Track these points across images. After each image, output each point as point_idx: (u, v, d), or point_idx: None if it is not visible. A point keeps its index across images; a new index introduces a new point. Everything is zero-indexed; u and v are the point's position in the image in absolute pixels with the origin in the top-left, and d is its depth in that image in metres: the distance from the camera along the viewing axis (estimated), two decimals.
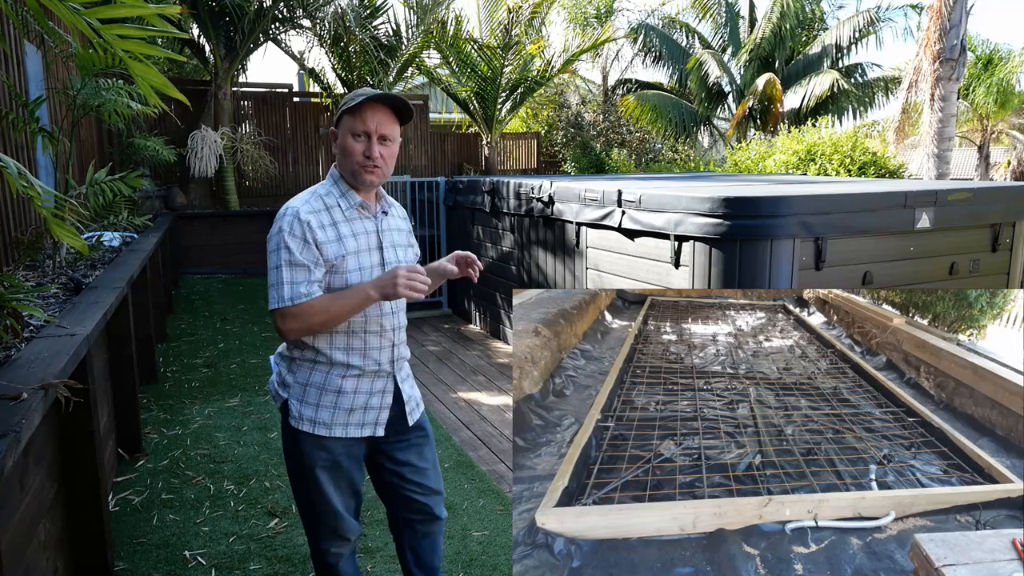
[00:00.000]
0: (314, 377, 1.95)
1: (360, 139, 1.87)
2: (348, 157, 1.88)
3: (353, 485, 2.05)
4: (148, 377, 4.83)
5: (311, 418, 1.94)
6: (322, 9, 9.88)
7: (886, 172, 8.92)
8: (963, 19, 9.33)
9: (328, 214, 1.89)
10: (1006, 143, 21.94)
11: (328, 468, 1.98)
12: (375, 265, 1.94)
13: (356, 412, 1.96)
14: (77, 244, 2.14)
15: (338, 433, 1.95)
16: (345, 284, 1.88)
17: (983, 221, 4.20)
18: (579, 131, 14.29)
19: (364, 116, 1.85)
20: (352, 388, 1.95)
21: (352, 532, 2.09)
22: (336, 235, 1.88)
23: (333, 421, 1.94)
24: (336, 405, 1.94)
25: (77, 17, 1.70)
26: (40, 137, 4.25)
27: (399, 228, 2.06)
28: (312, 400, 1.94)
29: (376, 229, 1.96)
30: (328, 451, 1.96)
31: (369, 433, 1.99)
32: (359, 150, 1.87)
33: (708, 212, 3.57)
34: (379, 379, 1.98)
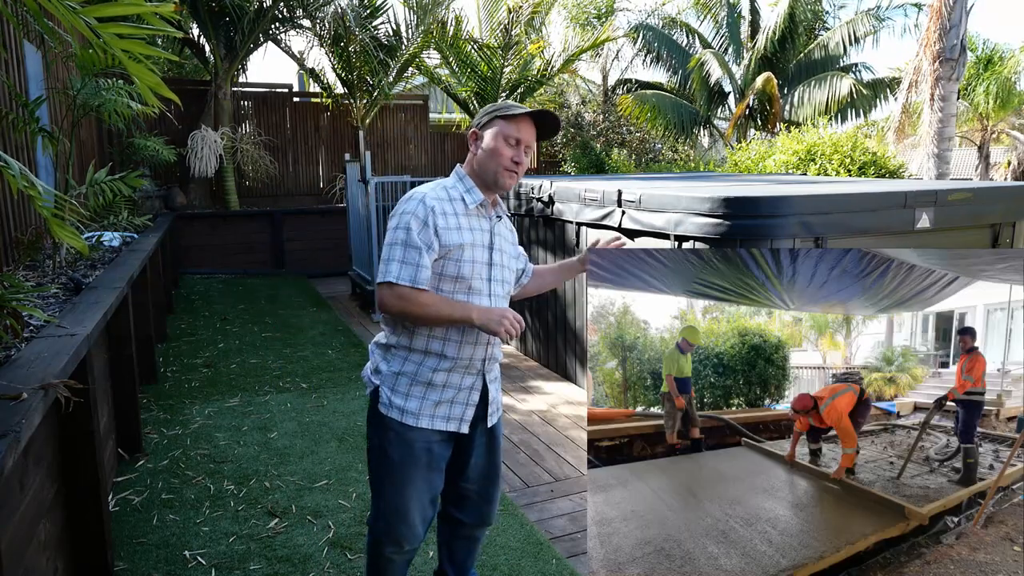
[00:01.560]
0: (407, 367, 2.01)
1: (512, 145, 1.99)
2: (496, 158, 1.99)
3: (431, 490, 2.07)
4: (148, 377, 4.83)
5: (400, 406, 2.00)
6: (322, 9, 9.89)
7: (886, 172, 8.92)
8: (963, 19, 9.33)
9: (451, 205, 1.99)
10: (1006, 143, 21.95)
11: (407, 463, 2.01)
12: (484, 262, 2.03)
13: (443, 405, 2.01)
14: (78, 244, 2.14)
15: (424, 424, 1.99)
16: (457, 271, 1.96)
17: (983, 221, 4.20)
18: (579, 131, 14.28)
19: (521, 126, 1.99)
20: (442, 382, 2.00)
21: (413, 541, 2.08)
22: (456, 224, 1.97)
23: (420, 411, 1.99)
24: (424, 396, 2.00)
25: (75, 17, 1.70)
26: (40, 137, 4.25)
27: (506, 237, 2.16)
28: (403, 389, 2.00)
29: (490, 229, 2.06)
30: (411, 442, 2.00)
31: (454, 428, 2.03)
32: (509, 155, 1.99)
33: (708, 212, 3.57)
34: (469, 375, 2.03)
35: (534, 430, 4.18)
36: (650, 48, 15.54)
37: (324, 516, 3.10)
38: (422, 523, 2.08)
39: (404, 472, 2.01)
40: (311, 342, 6.06)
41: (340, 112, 11.16)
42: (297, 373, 5.18)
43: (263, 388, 4.85)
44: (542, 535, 2.97)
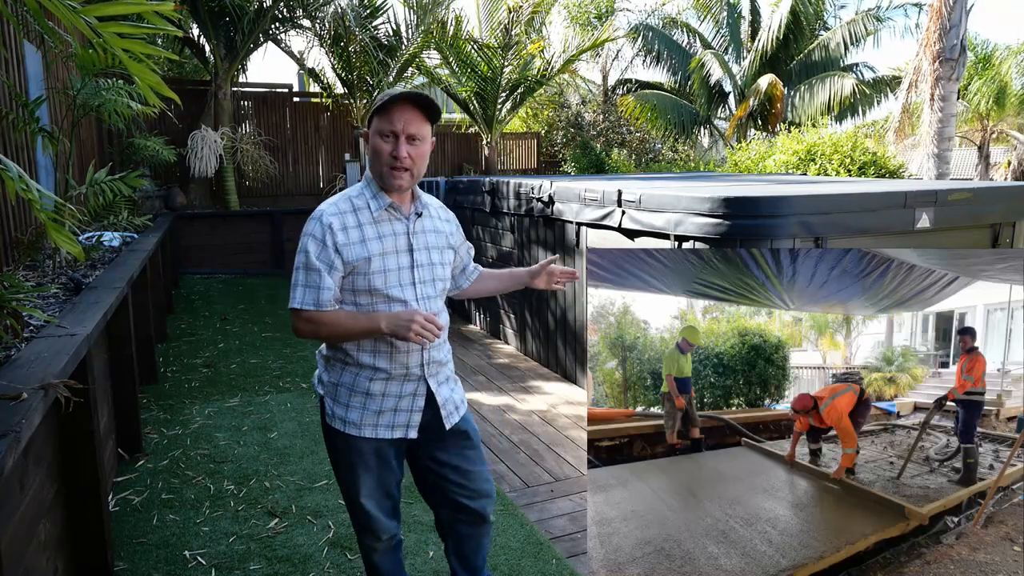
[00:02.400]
0: (344, 377, 1.97)
1: (388, 139, 1.84)
2: (377, 158, 1.87)
3: (384, 487, 2.05)
4: (148, 377, 4.83)
5: (342, 417, 1.97)
6: (322, 9, 9.89)
7: (886, 172, 8.92)
8: (963, 19, 9.33)
9: (355, 216, 1.89)
10: (1006, 143, 21.94)
11: (357, 466, 2.00)
12: (404, 267, 1.93)
13: (385, 414, 1.96)
14: (74, 250, 2.14)
15: (367, 434, 1.96)
16: (368, 285, 1.88)
17: (983, 221, 4.20)
18: (579, 131, 14.29)
19: (392, 116, 1.83)
20: (380, 391, 1.95)
21: (384, 531, 2.10)
22: (360, 237, 1.87)
23: (362, 422, 1.96)
24: (364, 406, 1.95)
25: (75, 16, 1.70)
26: (40, 137, 4.25)
27: (436, 230, 2.03)
28: (343, 400, 1.97)
29: (407, 231, 1.94)
30: (357, 450, 1.98)
31: (400, 435, 1.99)
32: (387, 150, 1.84)
33: (708, 212, 3.57)
34: (408, 382, 1.97)
35: (534, 430, 4.18)
36: (650, 48, 15.55)
37: (324, 516, 3.10)
38: (385, 514, 2.08)
39: (354, 476, 2.01)
40: (311, 342, 6.05)
41: (340, 112, 11.16)
42: (297, 373, 5.18)
43: (263, 388, 4.85)
44: (542, 535, 2.97)
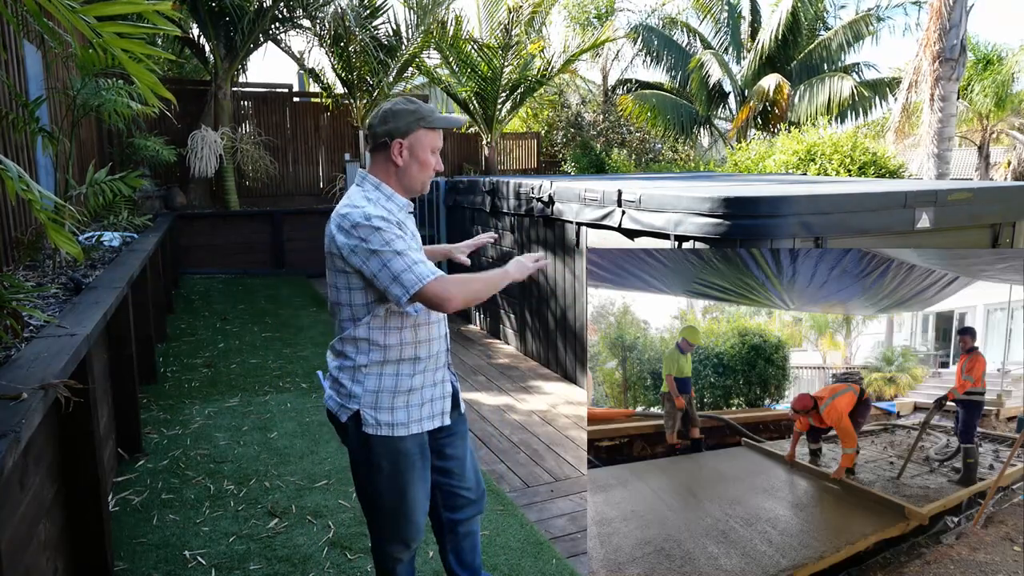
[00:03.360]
0: (385, 382, 2.00)
1: (433, 155, 2.04)
2: (424, 171, 2.03)
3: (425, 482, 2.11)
4: (148, 377, 4.83)
5: (388, 422, 2.00)
6: (322, 9, 9.89)
7: (886, 172, 8.92)
8: (963, 19, 9.33)
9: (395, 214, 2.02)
10: (1006, 143, 21.93)
11: (407, 470, 2.04)
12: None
13: (426, 405, 2.06)
14: (73, 251, 2.14)
15: (415, 430, 2.04)
16: None
17: (983, 221, 4.20)
18: (579, 131, 14.29)
19: (441, 136, 2.05)
20: (420, 384, 2.05)
21: (418, 538, 2.14)
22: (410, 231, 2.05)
23: (410, 419, 2.03)
24: (408, 404, 2.03)
25: (74, 16, 1.70)
26: (40, 137, 4.25)
27: None
28: (386, 404, 2.00)
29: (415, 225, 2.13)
30: (405, 452, 2.03)
31: (439, 424, 2.10)
32: (433, 164, 2.04)
33: (708, 212, 3.57)
34: (439, 370, 2.11)
35: (534, 430, 4.18)
36: (650, 48, 15.54)
37: (324, 516, 3.10)
38: (423, 516, 2.13)
39: (403, 479, 2.03)
40: (311, 342, 6.06)
41: (340, 112, 11.16)
42: (297, 373, 5.18)
43: (263, 388, 4.85)
44: (542, 535, 2.97)
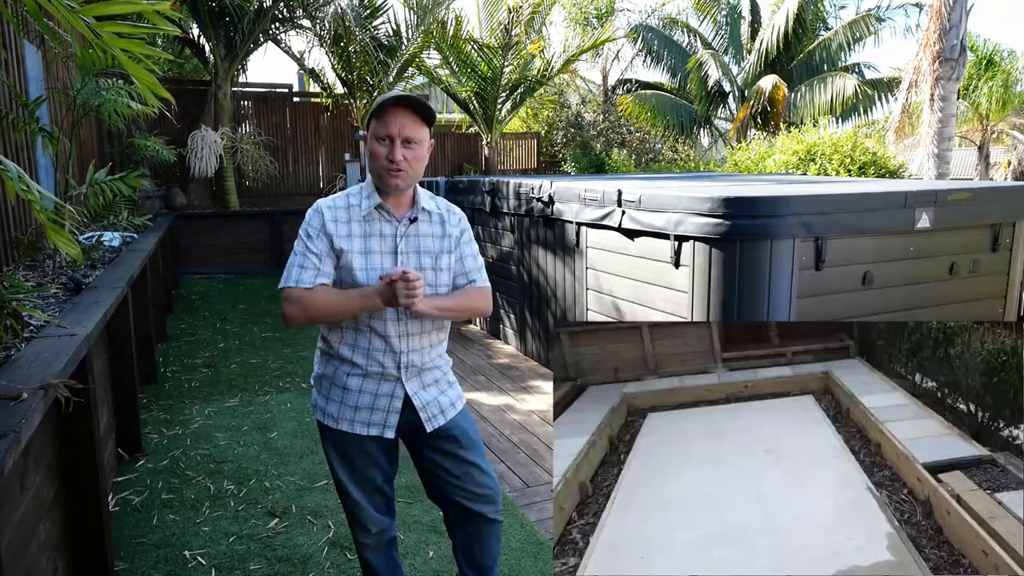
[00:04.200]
0: (327, 370, 2.03)
1: (384, 143, 1.88)
2: (374, 161, 1.91)
3: (371, 482, 2.07)
4: (148, 377, 4.83)
5: (322, 408, 2.04)
6: (322, 9, 9.89)
7: (886, 172, 8.92)
8: (963, 19, 9.32)
9: (346, 212, 1.95)
10: (1006, 143, 21.93)
11: (341, 458, 2.04)
12: (388, 268, 1.92)
13: (362, 411, 1.99)
14: (72, 252, 2.14)
15: (344, 427, 2.00)
16: (353, 282, 1.92)
17: (983, 221, 4.20)
18: (579, 131, 14.29)
19: (387, 120, 1.86)
20: (356, 387, 1.98)
21: (373, 524, 2.11)
22: (347, 232, 1.93)
23: (340, 415, 2.00)
24: (342, 400, 1.99)
25: (74, 16, 1.70)
26: (40, 137, 4.25)
27: (433, 235, 2.00)
28: (324, 392, 2.04)
29: (394, 234, 1.95)
30: (339, 443, 2.03)
31: (376, 433, 2.00)
32: (383, 154, 1.88)
33: (708, 212, 3.57)
34: (385, 382, 1.98)
35: (534, 430, 4.18)
36: (650, 48, 15.54)
37: (324, 516, 3.10)
38: (375, 508, 2.10)
39: (341, 469, 2.05)
40: (311, 342, 6.06)
41: (340, 112, 11.16)
42: (297, 373, 5.18)
43: (263, 388, 4.85)
44: (542, 535, 2.97)
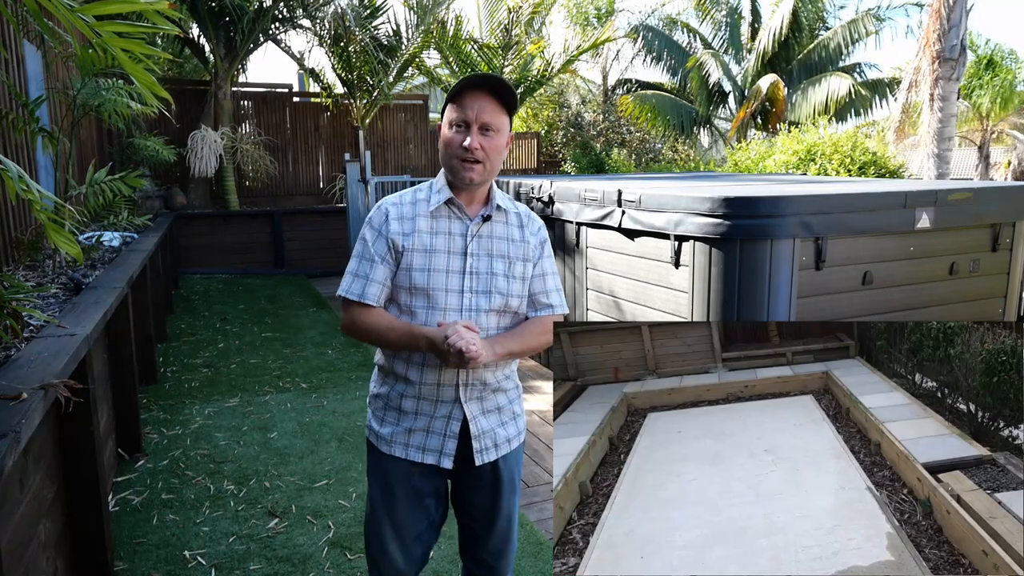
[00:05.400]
0: (382, 388, 1.83)
1: (460, 129, 1.66)
2: (447, 149, 1.69)
3: (412, 522, 1.81)
4: (148, 377, 4.83)
5: (376, 431, 1.83)
6: (322, 9, 9.89)
7: (886, 172, 8.92)
8: (963, 19, 9.32)
9: (412, 207, 1.75)
10: (1006, 143, 21.94)
11: (383, 488, 1.81)
12: (454, 270, 1.73)
13: (416, 434, 1.76)
14: (73, 251, 2.14)
15: (398, 453, 1.78)
16: (410, 282, 1.71)
17: (983, 221, 4.20)
18: (579, 131, 14.29)
19: (465, 103, 1.65)
20: (412, 408, 1.76)
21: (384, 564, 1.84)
22: (413, 228, 1.72)
23: (393, 439, 1.78)
24: (397, 423, 1.79)
25: (74, 15, 1.70)
26: (40, 137, 4.25)
27: (509, 238, 1.79)
28: (379, 413, 1.83)
29: (464, 232, 1.74)
30: (388, 472, 1.80)
31: (432, 461, 1.76)
32: (458, 141, 1.66)
33: (708, 212, 3.57)
34: (442, 404, 1.75)
35: (534, 430, 4.18)
36: (650, 48, 15.55)
37: (324, 516, 3.10)
38: (404, 559, 1.83)
39: (382, 502, 1.82)
40: (311, 342, 6.06)
41: (340, 112, 11.16)
42: (297, 373, 5.18)
43: (263, 388, 4.85)
44: (542, 535, 2.97)
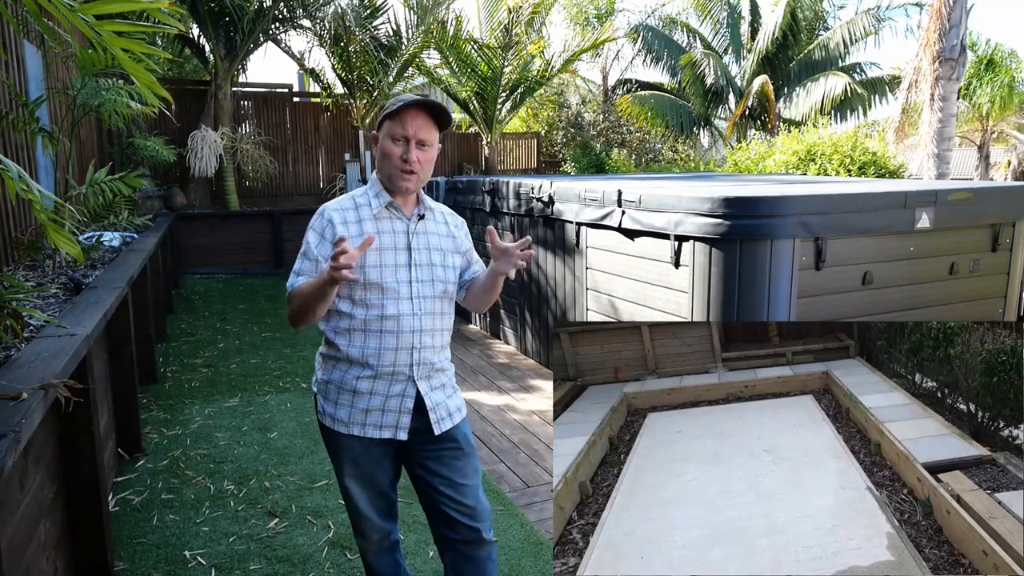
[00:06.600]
0: (334, 375, 1.99)
1: (399, 143, 1.90)
2: (386, 160, 1.92)
3: (376, 486, 2.06)
4: (148, 377, 4.82)
5: (331, 414, 2.00)
6: (322, 9, 9.89)
7: (886, 172, 8.92)
8: (963, 19, 9.32)
9: (355, 212, 1.95)
10: (1006, 143, 21.94)
11: (348, 464, 2.02)
12: (401, 264, 1.94)
13: (373, 413, 1.96)
14: (73, 251, 2.14)
15: (355, 431, 1.97)
16: (365, 278, 1.90)
17: (983, 221, 4.20)
18: (579, 131, 14.29)
19: (404, 121, 1.89)
20: (367, 389, 1.95)
21: (373, 531, 2.11)
22: (359, 231, 1.92)
23: (350, 420, 1.97)
24: (352, 404, 1.97)
25: (74, 15, 1.70)
26: (40, 137, 4.25)
27: (439, 233, 2.05)
28: (332, 397, 2.00)
29: (407, 230, 1.98)
30: (347, 448, 2.00)
31: (389, 436, 1.97)
32: (397, 154, 1.90)
33: (708, 212, 3.57)
34: (397, 383, 1.96)
35: (534, 430, 4.18)
36: (650, 48, 15.55)
37: (324, 516, 3.10)
38: (378, 513, 2.08)
39: (349, 475, 2.03)
40: (311, 342, 6.06)
41: (340, 112, 11.16)
42: (297, 373, 5.18)
43: (263, 388, 4.85)
44: (542, 535, 2.97)
